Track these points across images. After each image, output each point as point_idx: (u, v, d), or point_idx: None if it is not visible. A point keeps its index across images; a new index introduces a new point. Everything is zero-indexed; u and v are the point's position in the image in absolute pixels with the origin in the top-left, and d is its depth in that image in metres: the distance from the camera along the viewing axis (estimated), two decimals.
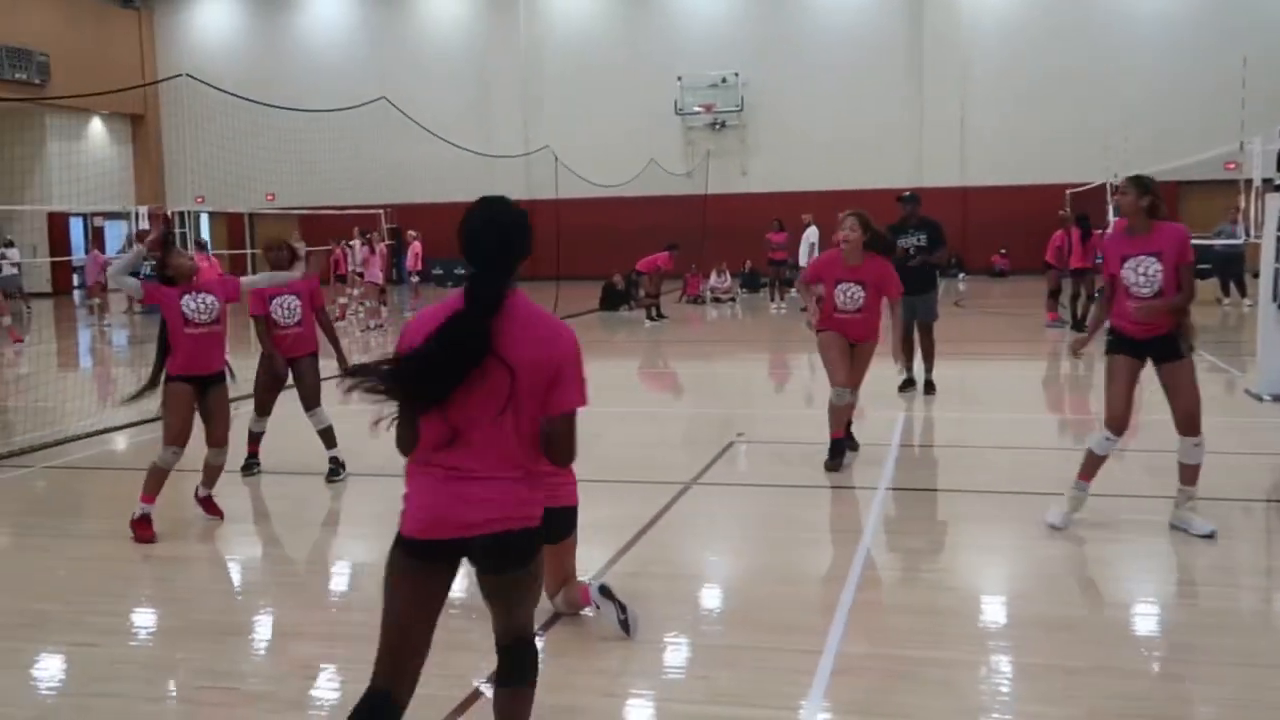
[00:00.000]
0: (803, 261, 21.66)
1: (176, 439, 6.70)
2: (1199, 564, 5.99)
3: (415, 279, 24.97)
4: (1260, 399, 10.64)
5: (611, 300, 23.58)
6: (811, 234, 21.41)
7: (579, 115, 33.82)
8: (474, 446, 3.18)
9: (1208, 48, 28.55)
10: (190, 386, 6.74)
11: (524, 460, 3.22)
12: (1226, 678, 4.46)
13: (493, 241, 3.34)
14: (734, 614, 5.42)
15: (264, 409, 8.34)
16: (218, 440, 6.98)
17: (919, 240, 11.32)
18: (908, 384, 11.57)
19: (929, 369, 11.53)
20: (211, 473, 7.14)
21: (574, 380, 3.28)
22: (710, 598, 5.70)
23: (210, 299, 6.80)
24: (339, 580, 6.21)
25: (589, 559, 6.22)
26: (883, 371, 12.35)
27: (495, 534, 3.19)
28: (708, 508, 7.37)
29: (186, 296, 6.72)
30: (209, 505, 7.24)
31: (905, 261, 11.02)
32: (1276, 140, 10.93)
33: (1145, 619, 5.26)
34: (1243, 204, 14.59)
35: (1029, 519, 6.80)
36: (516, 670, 3.47)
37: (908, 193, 11.95)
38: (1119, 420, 6.28)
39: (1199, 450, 6.26)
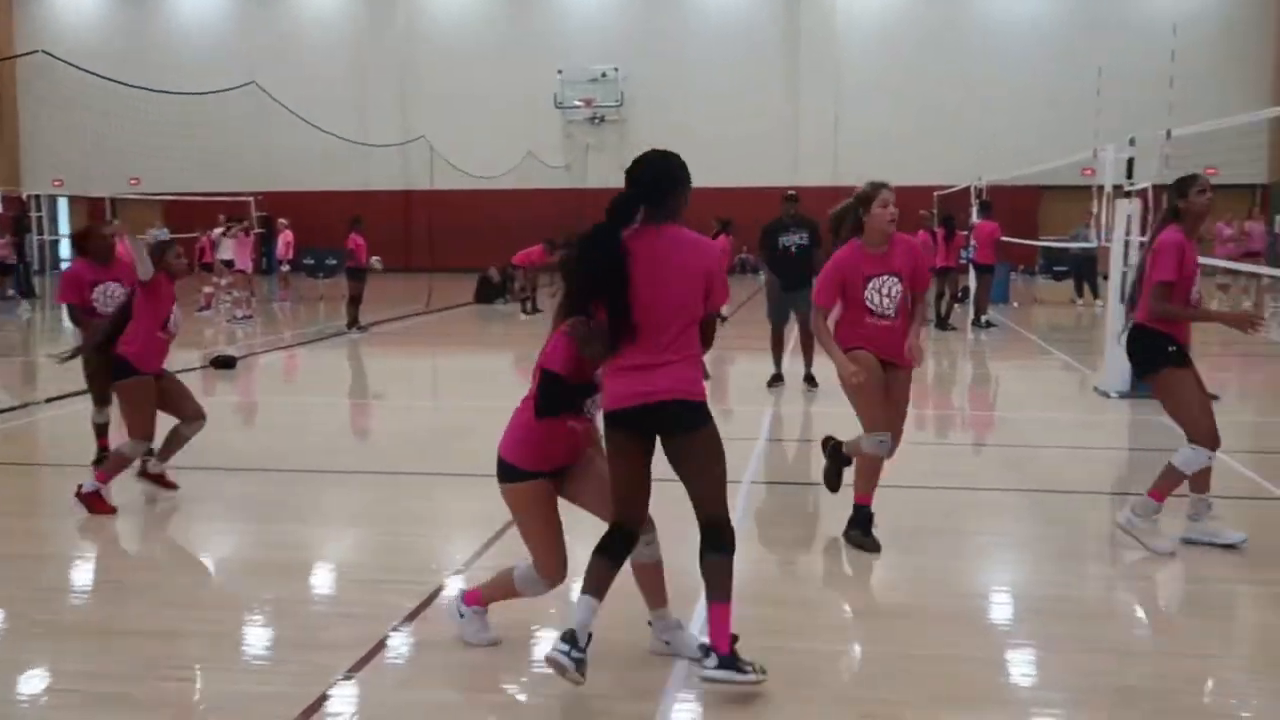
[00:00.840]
0: None
1: (150, 434, 6.99)
2: (1046, 552, 6.21)
3: (285, 268, 24.37)
4: (1107, 396, 11.11)
5: (487, 293, 23.41)
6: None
7: (457, 107, 33.49)
8: (655, 340, 4.09)
9: (1068, 58, 29.70)
10: (151, 378, 7.00)
11: (691, 346, 4.16)
12: (1069, 664, 4.64)
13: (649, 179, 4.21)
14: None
15: (103, 399, 7.96)
16: (196, 412, 7.22)
17: (801, 239, 11.53)
18: (776, 379, 11.74)
19: (809, 363, 11.64)
20: (180, 443, 7.22)
21: (723, 285, 4.21)
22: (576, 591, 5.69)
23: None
24: (192, 577, 6.03)
25: (458, 554, 6.17)
26: (753, 367, 12.54)
27: (676, 399, 4.11)
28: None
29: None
30: (164, 480, 7.30)
31: (787, 261, 11.42)
32: (1127, 149, 11.41)
33: (996, 607, 5.44)
34: (1095, 209, 15.17)
35: (893, 511, 6.95)
36: (715, 543, 4.24)
37: (791, 192, 12.20)
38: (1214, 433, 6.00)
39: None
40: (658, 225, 4.16)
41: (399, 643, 4.84)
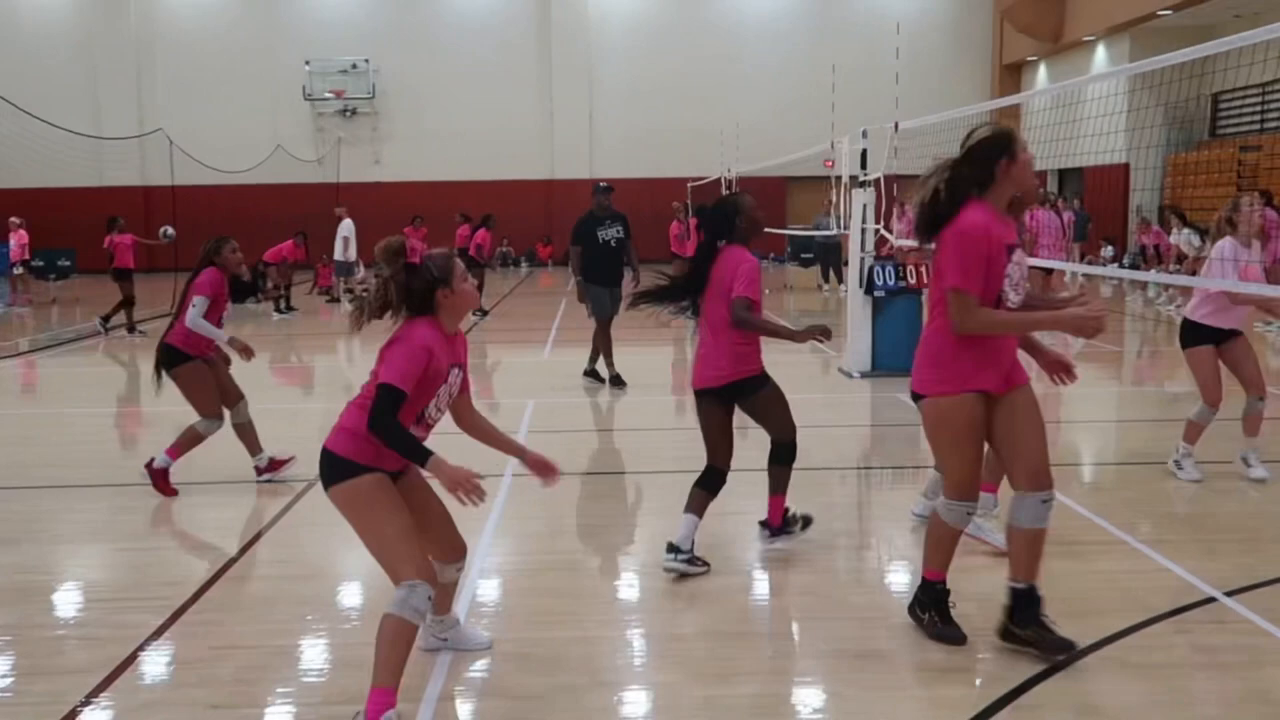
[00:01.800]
0: (339, 256, 21.06)
1: (217, 411, 7.39)
2: (803, 532, 6.49)
3: (19, 270, 22.68)
4: (851, 376, 11.72)
5: (237, 292, 22.41)
6: (346, 228, 20.88)
7: (199, 98, 31.92)
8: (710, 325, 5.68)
9: (806, 55, 31.01)
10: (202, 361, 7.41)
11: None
12: (822, 630, 4.89)
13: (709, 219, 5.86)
14: (354, 610, 5.34)
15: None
16: (239, 395, 7.61)
17: (618, 232, 11.21)
18: (618, 380, 11.40)
19: (611, 362, 11.43)
20: (249, 431, 7.61)
21: (746, 280, 5.54)
22: (332, 597, 5.57)
23: None
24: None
25: (205, 564, 5.91)
26: (517, 359, 12.48)
27: (734, 382, 5.68)
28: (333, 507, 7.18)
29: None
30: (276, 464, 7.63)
31: (607, 254, 11.07)
32: (860, 140, 12.05)
33: (753, 583, 5.66)
34: (834, 198, 15.93)
35: (654, 495, 7.12)
36: (783, 455, 5.94)
37: (603, 183, 11.66)
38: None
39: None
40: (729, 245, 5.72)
41: (145, 663, 4.61)
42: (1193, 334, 7.31)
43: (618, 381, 11.37)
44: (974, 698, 4.21)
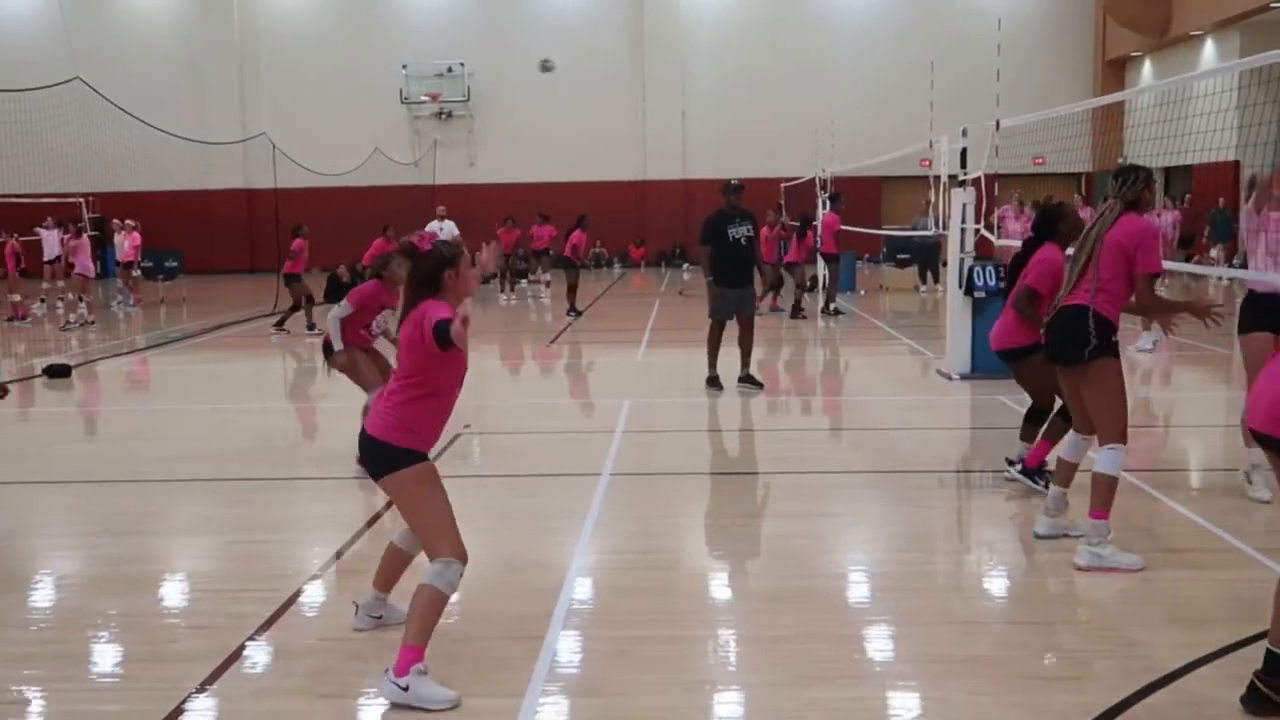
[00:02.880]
0: None
1: (376, 381, 7.75)
2: (899, 532, 6.43)
3: (137, 272, 23.60)
4: (950, 378, 11.55)
5: (336, 292, 22.86)
6: (448, 228, 21.29)
7: (299, 103, 32.70)
8: None
9: (900, 52, 30.63)
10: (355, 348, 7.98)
11: None
12: (922, 635, 4.82)
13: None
14: (454, 606, 5.41)
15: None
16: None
17: (748, 231, 10.73)
18: (714, 381, 11.02)
19: (746, 364, 11.12)
20: None
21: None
22: None
23: None
24: (32, 596, 5.76)
25: (314, 559, 6.05)
26: (614, 359, 12.57)
27: None
28: None
29: None
30: None
31: (736, 253, 10.65)
32: (960, 139, 11.86)
33: (851, 586, 5.61)
34: (932, 198, 15.68)
35: (748, 496, 7.10)
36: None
37: (734, 181, 10.98)
38: None
39: None
40: None
41: (254, 652, 4.73)
42: (1251, 314, 6.57)
43: (748, 381, 10.96)
44: (1082, 706, 4.11)
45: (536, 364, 14.32)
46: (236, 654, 4.67)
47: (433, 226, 21.49)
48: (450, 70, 32.83)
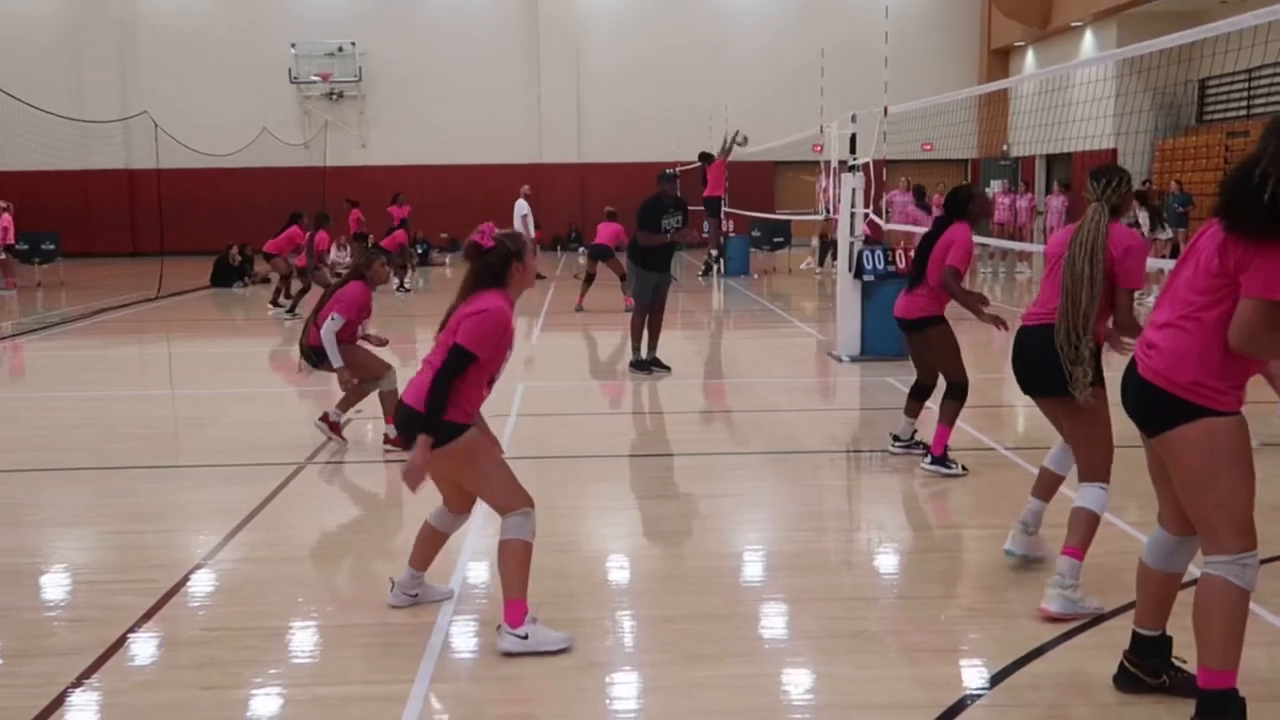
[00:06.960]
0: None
1: (373, 373, 7.89)
2: (791, 511, 6.53)
3: (2, 255, 22.55)
4: (840, 360, 11.74)
5: (224, 276, 22.33)
6: (521, 207, 21.13)
7: (183, 81, 31.74)
8: None
9: (794, 39, 30.97)
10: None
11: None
12: (811, 612, 4.91)
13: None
14: (342, 593, 5.34)
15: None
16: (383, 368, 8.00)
17: (678, 221, 10.80)
18: (643, 364, 11.12)
19: (655, 345, 11.18)
20: (392, 398, 7.69)
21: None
22: (323, 579, 5.57)
23: None
24: None
25: (197, 548, 5.90)
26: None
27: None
28: (324, 488, 7.20)
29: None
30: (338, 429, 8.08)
31: (664, 243, 10.72)
32: (849, 125, 12.04)
33: (744, 565, 5.68)
34: (824, 183, 15.92)
35: (643, 478, 7.12)
36: (958, 394, 7.15)
37: (669, 170, 11.10)
38: None
39: None
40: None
41: (135, 645, 4.60)
42: None
43: (655, 364, 11.06)
44: (964, 677, 4.23)
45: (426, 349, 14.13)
46: (116, 646, 4.53)
47: (520, 206, 21.27)
48: (341, 50, 32.19)
